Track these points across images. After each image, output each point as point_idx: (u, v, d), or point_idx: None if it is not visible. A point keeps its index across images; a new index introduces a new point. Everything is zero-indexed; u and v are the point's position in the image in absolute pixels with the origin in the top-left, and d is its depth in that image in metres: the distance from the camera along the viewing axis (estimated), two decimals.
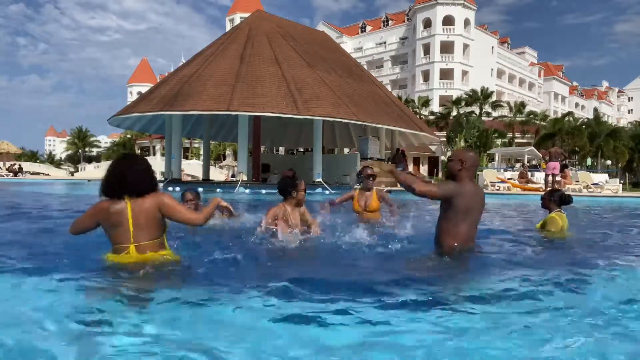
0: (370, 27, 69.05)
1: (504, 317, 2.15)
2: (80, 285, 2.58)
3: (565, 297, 2.52)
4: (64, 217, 5.95)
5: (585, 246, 4.54)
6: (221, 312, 2.20)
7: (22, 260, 3.14)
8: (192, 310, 2.20)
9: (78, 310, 2.17)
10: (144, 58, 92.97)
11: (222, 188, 16.77)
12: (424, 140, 26.60)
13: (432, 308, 2.23)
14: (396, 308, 2.23)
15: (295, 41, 21.08)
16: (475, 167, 3.60)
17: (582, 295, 2.60)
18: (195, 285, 2.68)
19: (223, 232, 4.72)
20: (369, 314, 2.12)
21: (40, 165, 55.70)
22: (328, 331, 1.95)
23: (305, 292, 2.41)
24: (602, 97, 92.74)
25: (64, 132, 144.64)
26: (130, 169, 2.92)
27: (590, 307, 2.33)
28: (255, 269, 3.17)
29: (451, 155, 3.69)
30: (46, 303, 2.25)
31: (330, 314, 2.11)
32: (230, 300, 2.34)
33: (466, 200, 3.44)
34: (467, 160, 3.52)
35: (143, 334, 1.88)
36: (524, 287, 2.68)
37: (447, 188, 3.48)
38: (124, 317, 2.06)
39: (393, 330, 1.97)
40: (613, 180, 23.30)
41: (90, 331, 1.90)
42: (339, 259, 3.54)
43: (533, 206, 9.73)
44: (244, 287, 2.54)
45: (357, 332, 1.94)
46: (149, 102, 18.18)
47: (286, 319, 2.05)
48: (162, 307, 2.24)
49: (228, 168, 41.07)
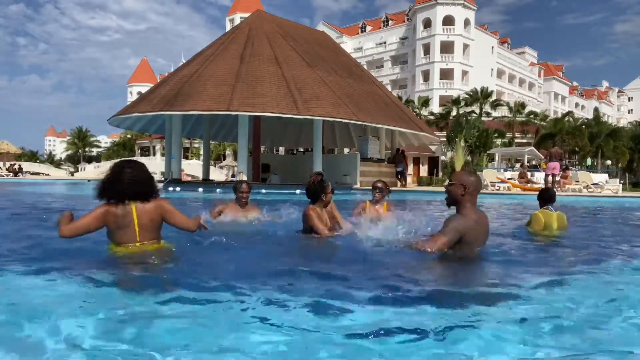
0: (370, 27, 69.06)
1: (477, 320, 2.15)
2: (90, 276, 2.69)
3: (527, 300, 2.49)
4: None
5: (568, 245, 4.48)
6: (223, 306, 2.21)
7: (26, 255, 3.16)
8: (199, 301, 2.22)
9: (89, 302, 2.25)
10: (144, 58, 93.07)
11: (222, 188, 16.77)
12: (424, 140, 26.60)
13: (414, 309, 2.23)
14: (390, 305, 2.24)
15: (295, 41, 21.09)
16: (478, 191, 3.44)
17: (547, 298, 2.56)
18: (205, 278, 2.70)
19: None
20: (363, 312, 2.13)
21: (40, 165, 55.73)
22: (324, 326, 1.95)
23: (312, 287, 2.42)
24: (602, 97, 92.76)
25: (64, 132, 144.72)
26: (135, 175, 3.12)
27: (558, 309, 2.32)
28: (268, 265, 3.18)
29: (452, 178, 3.53)
30: (56, 293, 2.36)
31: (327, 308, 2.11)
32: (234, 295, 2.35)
33: (474, 232, 3.35)
34: (470, 185, 3.38)
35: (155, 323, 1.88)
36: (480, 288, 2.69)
37: (454, 232, 3.30)
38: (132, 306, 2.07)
39: (388, 329, 1.97)
40: (613, 180, 23.32)
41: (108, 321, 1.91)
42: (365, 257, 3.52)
43: (532, 206, 9.72)
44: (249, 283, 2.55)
45: (354, 329, 1.94)
46: (149, 102, 18.19)
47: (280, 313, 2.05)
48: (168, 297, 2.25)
49: (228, 168, 41.06)
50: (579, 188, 19.50)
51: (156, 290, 2.48)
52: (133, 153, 61.70)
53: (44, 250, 3.50)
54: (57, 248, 3.36)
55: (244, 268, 3.10)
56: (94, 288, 2.51)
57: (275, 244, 4.25)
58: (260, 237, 4.53)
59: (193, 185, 18.73)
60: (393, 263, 3.28)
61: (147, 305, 2.26)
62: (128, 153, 63.06)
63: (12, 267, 2.93)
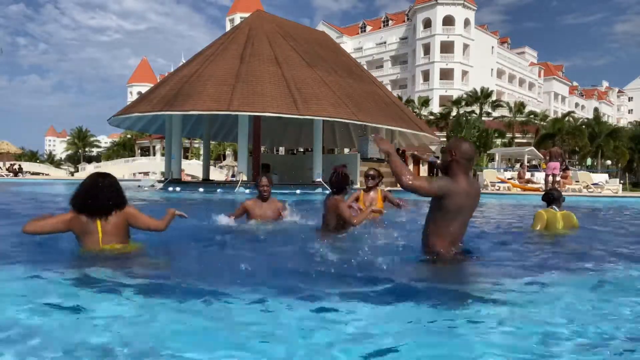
0: (370, 27, 69.05)
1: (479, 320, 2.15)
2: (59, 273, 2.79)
3: (530, 299, 2.50)
4: None
5: (567, 245, 4.48)
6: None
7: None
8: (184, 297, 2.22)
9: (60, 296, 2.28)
10: (144, 58, 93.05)
11: (222, 188, 16.77)
12: (424, 140, 26.58)
13: (410, 308, 2.24)
14: (379, 304, 2.24)
15: (295, 41, 21.07)
16: (468, 159, 3.22)
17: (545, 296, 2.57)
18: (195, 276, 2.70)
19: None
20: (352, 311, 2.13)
21: (40, 165, 55.76)
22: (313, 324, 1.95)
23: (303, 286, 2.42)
24: (602, 97, 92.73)
25: (64, 132, 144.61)
26: (100, 192, 3.32)
27: (551, 307, 2.33)
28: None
29: (446, 145, 3.44)
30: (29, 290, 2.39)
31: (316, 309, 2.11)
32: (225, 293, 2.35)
33: (459, 199, 3.16)
34: (457, 150, 3.19)
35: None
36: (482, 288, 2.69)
37: (440, 185, 3.14)
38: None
39: (379, 330, 1.97)
40: (613, 180, 23.31)
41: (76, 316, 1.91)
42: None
43: (531, 206, 9.72)
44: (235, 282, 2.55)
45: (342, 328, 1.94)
46: (149, 102, 18.18)
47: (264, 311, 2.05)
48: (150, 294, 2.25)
49: (228, 168, 41.05)
50: (579, 188, 19.49)
51: (147, 292, 2.48)
52: (133, 153, 61.72)
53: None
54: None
55: (241, 268, 3.10)
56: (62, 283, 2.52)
57: (285, 243, 4.25)
58: (265, 236, 4.57)
59: (193, 185, 18.73)
60: (394, 262, 3.28)
61: (149, 305, 2.26)
62: (128, 153, 63.10)
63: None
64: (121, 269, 2.90)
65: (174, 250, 3.80)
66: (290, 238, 4.47)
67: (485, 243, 4.36)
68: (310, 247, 3.61)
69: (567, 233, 4.90)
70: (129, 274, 2.82)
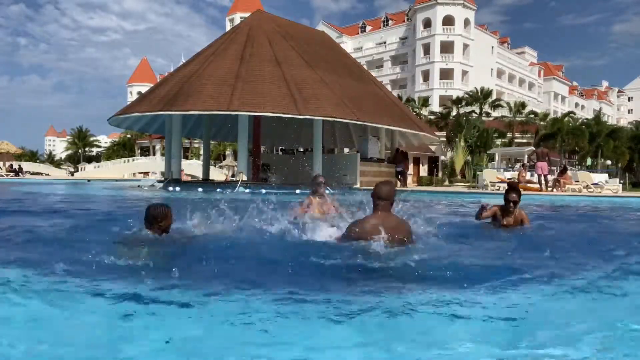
0: (370, 27, 69.03)
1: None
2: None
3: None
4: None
5: (565, 245, 4.51)
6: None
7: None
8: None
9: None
10: (144, 58, 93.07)
11: (222, 188, 16.76)
12: (424, 140, 26.61)
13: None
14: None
15: (295, 41, 21.07)
16: (384, 199, 3.68)
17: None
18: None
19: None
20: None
21: (40, 165, 55.76)
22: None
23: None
24: (602, 97, 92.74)
25: (64, 132, 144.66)
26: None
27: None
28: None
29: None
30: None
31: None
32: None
33: (367, 235, 3.58)
34: (375, 194, 3.74)
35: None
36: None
37: (347, 231, 3.78)
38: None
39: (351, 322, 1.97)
40: (613, 180, 23.28)
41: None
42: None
43: (531, 206, 9.74)
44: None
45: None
46: (149, 102, 18.18)
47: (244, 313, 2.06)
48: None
49: (228, 168, 41.01)
50: (579, 188, 19.48)
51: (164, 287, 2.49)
52: (133, 153, 61.71)
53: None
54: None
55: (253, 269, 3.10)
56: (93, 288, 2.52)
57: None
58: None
59: (193, 185, 18.73)
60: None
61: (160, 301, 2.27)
62: (128, 153, 63.08)
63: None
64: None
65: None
66: None
67: (481, 241, 4.36)
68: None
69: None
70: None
